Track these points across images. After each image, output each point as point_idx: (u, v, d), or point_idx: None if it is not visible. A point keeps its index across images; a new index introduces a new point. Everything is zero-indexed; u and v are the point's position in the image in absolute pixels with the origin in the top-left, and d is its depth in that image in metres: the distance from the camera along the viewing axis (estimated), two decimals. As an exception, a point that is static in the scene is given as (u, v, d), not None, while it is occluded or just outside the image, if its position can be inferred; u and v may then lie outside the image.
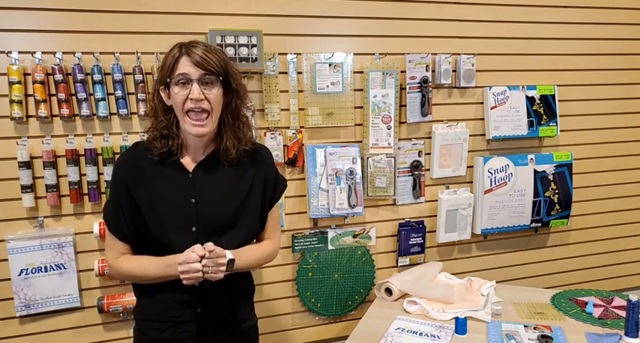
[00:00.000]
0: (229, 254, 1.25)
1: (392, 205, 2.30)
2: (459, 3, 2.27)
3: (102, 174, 1.86)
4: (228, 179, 1.34)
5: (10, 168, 1.79)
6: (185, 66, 1.22)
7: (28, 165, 1.78)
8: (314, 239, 2.17)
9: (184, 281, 1.21)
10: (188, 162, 1.34)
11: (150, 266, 1.28)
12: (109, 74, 1.84)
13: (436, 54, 2.26)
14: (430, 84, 2.24)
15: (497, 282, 2.08)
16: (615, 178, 2.66)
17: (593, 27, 2.51)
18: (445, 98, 2.32)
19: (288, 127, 2.10)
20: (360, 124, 2.20)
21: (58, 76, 1.77)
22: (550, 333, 1.66)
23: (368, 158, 2.19)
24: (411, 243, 2.31)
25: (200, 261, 1.19)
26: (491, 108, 2.34)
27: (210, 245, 1.21)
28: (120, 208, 1.31)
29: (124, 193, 1.30)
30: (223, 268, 1.22)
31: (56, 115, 1.82)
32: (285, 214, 2.14)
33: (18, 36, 1.76)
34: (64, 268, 1.85)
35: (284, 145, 2.09)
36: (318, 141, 2.15)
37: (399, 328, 1.73)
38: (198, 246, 1.21)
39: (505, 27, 2.36)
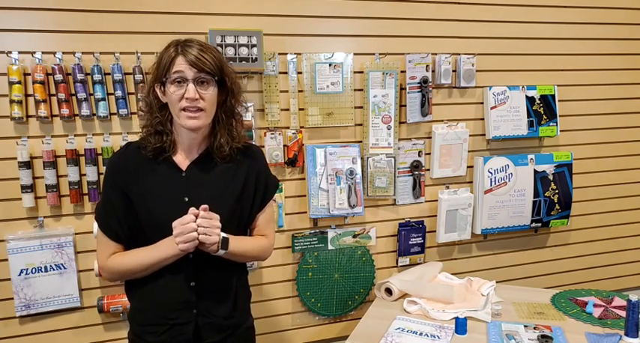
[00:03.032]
0: (223, 234, 1.26)
1: (392, 205, 2.30)
2: (459, 3, 2.27)
3: (102, 174, 1.86)
4: (221, 177, 1.34)
5: (10, 168, 1.79)
6: (181, 65, 1.22)
7: (28, 165, 1.78)
8: (314, 239, 2.17)
9: (180, 246, 1.20)
10: (181, 161, 1.33)
11: (142, 254, 1.28)
12: (109, 74, 1.84)
13: (436, 54, 2.26)
14: (430, 84, 2.24)
15: (497, 282, 2.08)
16: (615, 178, 2.66)
17: (593, 27, 2.51)
18: (445, 98, 2.32)
19: (288, 127, 2.10)
20: (360, 124, 2.21)
21: (58, 76, 1.77)
22: (550, 333, 1.66)
23: (368, 158, 2.19)
24: (411, 243, 2.31)
25: (195, 221, 1.21)
26: (491, 108, 2.34)
27: (205, 206, 1.22)
28: (112, 208, 1.31)
29: (117, 193, 1.30)
30: (217, 230, 1.22)
31: (56, 115, 1.82)
32: (285, 214, 2.14)
33: (18, 36, 1.76)
34: (64, 268, 1.85)
35: (284, 145, 2.09)
36: (318, 141, 2.15)
37: (399, 328, 1.73)
38: (193, 208, 1.22)
39: (505, 27, 2.36)
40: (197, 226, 1.20)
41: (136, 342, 1.38)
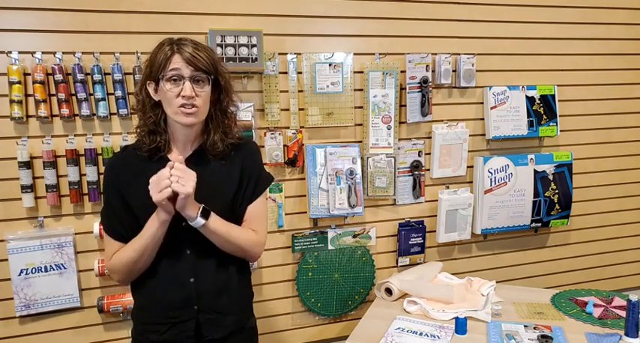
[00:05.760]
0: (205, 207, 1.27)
1: (392, 205, 2.30)
2: (459, 3, 2.27)
3: (102, 174, 1.86)
4: (216, 173, 1.35)
5: (10, 168, 1.79)
6: (177, 63, 1.24)
7: (28, 165, 1.78)
8: (314, 239, 2.17)
9: (154, 197, 1.20)
10: (176, 158, 1.34)
11: (134, 240, 1.30)
12: (109, 74, 1.84)
13: (436, 54, 2.26)
14: (430, 84, 2.24)
15: (497, 282, 2.09)
16: (615, 178, 2.66)
17: (593, 27, 2.51)
18: (445, 98, 2.32)
19: (288, 127, 2.10)
20: (360, 124, 2.20)
21: (58, 76, 1.77)
22: (550, 333, 1.66)
23: (368, 158, 2.19)
24: (411, 242, 2.31)
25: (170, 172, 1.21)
26: (491, 108, 2.34)
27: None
28: (113, 210, 1.33)
29: (116, 195, 1.33)
30: (192, 183, 1.21)
31: (56, 115, 1.82)
32: (285, 214, 2.14)
33: (18, 36, 1.76)
34: (64, 268, 1.85)
35: (284, 145, 2.09)
36: (318, 141, 2.15)
37: (399, 328, 1.73)
38: (171, 161, 1.23)
39: (505, 27, 2.36)
40: (170, 175, 1.20)
41: (139, 340, 1.39)
